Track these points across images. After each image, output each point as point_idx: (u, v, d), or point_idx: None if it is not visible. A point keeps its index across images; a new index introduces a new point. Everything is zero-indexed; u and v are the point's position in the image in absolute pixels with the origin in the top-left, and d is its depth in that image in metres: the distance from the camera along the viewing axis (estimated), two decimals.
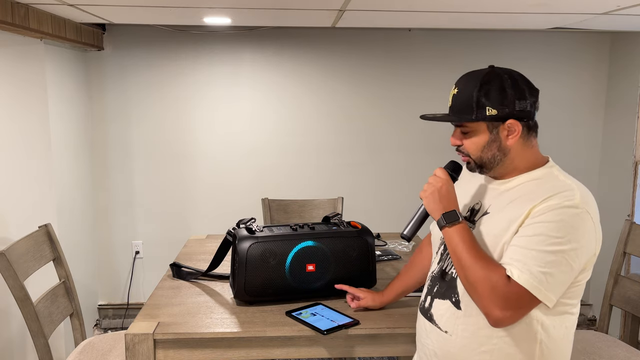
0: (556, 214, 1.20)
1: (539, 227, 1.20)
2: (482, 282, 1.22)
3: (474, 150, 1.33)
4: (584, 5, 2.26)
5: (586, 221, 1.21)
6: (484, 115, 1.28)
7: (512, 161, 1.32)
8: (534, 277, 1.18)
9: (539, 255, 1.18)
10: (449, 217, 1.31)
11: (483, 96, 1.28)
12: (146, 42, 3.34)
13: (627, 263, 3.11)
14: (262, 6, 2.38)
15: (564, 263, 1.19)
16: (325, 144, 3.50)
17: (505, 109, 1.27)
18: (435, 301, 1.40)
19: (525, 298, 1.19)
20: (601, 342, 2.11)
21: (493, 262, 1.25)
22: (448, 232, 1.30)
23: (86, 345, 2.08)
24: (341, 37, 3.40)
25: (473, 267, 1.24)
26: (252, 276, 1.74)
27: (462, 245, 1.27)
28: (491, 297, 1.21)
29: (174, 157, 3.45)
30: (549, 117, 3.51)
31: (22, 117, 2.76)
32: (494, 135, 1.30)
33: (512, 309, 1.20)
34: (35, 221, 2.50)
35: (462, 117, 1.31)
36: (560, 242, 1.18)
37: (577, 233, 1.19)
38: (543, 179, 1.29)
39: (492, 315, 1.22)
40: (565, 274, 1.20)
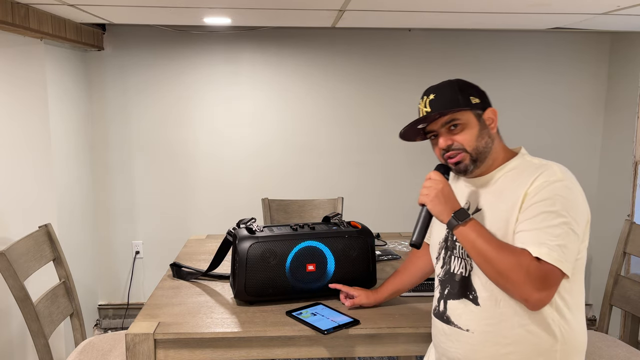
0: (548, 190, 1.26)
1: (537, 207, 1.25)
2: (515, 268, 1.23)
3: (469, 142, 1.35)
4: (584, 5, 2.26)
5: (573, 190, 1.28)
6: (469, 103, 1.35)
7: (496, 150, 1.39)
8: (557, 253, 1.23)
9: (549, 231, 1.23)
10: (461, 216, 1.31)
11: (464, 89, 1.37)
12: (146, 42, 3.34)
13: (627, 263, 3.11)
14: (262, 6, 2.38)
15: (570, 232, 1.24)
16: (325, 144, 3.50)
17: (484, 99, 1.39)
18: (449, 303, 1.41)
19: (556, 274, 1.24)
20: (601, 342, 2.11)
21: (517, 248, 1.26)
22: (462, 230, 1.30)
23: (86, 345, 2.08)
24: (341, 37, 3.40)
25: (499, 257, 1.25)
26: (252, 276, 1.74)
27: (481, 240, 1.27)
28: (528, 281, 1.23)
29: (174, 157, 3.46)
30: (549, 117, 3.52)
31: (22, 117, 2.76)
32: (482, 124, 1.37)
33: (548, 288, 1.24)
34: (35, 221, 2.50)
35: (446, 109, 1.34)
36: (561, 214, 1.24)
37: (570, 203, 1.26)
38: (521, 167, 1.36)
39: (532, 299, 1.24)
40: (574, 243, 1.26)
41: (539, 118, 3.52)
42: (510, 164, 1.37)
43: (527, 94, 3.49)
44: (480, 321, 1.34)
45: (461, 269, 1.39)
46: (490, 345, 1.33)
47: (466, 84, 1.39)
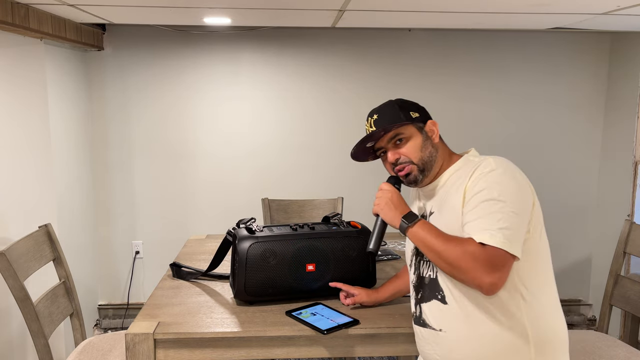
0: (483, 181, 1.32)
1: (477, 197, 1.32)
2: (462, 257, 1.29)
3: (414, 153, 1.46)
4: (584, 5, 2.26)
5: (508, 176, 1.33)
6: (410, 117, 1.46)
7: (442, 158, 1.48)
8: (500, 236, 1.27)
9: (491, 217, 1.29)
10: (409, 218, 1.41)
11: (404, 106, 1.49)
12: (146, 42, 3.34)
13: (627, 263, 3.11)
14: (262, 6, 2.38)
15: (512, 215, 1.29)
16: (325, 143, 3.50)
17: (423, 112, 1.50)
18: (423, 306, 1.46)
19: (503, 256, 1.27)
20: (601, 342, 2.11)
21: (463, 238, 1.33)
22: (412, 231, 1.39)
23: (86, 345, 2.08)
24: (341, 37, 3.40)
25: (448, 248, 1.32)
26: (252, 276, 1.74)
27: (430, 236, 1.35)
28: (477, 267, 1.28)
29: (174, 157, 3.46)
30: (549, 117, 3.52)
31: (22, 117, 2.76)
32: (424, 135, 1.47)
33: (497, 270, 1.27)
34: (35, 221, 2.50)
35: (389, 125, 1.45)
36: (499, 199, 1.29)
37: (507, 187, 1.31)
38: (463, 167, 1.43)
39: (484, 284, 1.28)
40: (517, 224, 1.30)
41: (539, 118, 3.51)
42: (455, 166, 1.45)
43: (527, 94, 3.49)
44: (450, 319, 1.38)
45: (429, 272, 1.44)
46: (464, 342, 1.36)
47: (405, 102, 1.51)
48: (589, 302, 3.67)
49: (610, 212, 3.44)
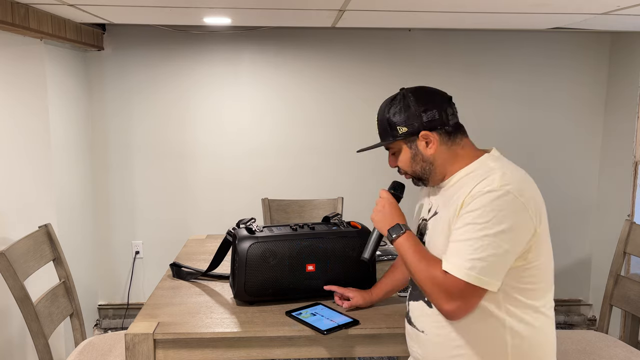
0: (477, 201, 1.25)
1: (465, 218, 1.26)
2: (427, 280, 1.30)
3: (405, 167, 1.45)
4: (584, 5, 2.26)
5: (509, 200, 1.24)
6: (397, 134, 1.41)
7: (444, 167, 1.40)
8: (466, 266, 1.23)
9: (468, 244, 1.24)
10: (394, 231, 1.40)
11: (392, 118, 1.41)
12: (146, 42, 3.34)
13: (627, 263, 3.11)
14: (262, 6, 2.38)
15: (494, 246, 1.22)
16: (325, 144, 3.50)
17: (414, 124, 1.38)
18: (411, 304, 1.46)
19: (464, 288, 1.24)
20: (601, 342, 2.11)
21: (434, 260, 1.32)
22: (396, 244, 1.39)
23: (86, 345, 2.08)
24: (341, 37, 3.40)
25: (418, 268, 1.32)
26: (252, 276, 1.74)
27: (409, 252, 1.36)
28: (436, 293, 1.28)
29: (174, 157, 3.45)
30: (549, 117, 3.52)
31: (22, 117, 2.76)
32: (414, 150, 1.41)
33: (456, 300, 1.25)
34: (35, 221, 2.50)
35: (382, 141, 1.46)
36: (486, 226, 1.23)
37: (501, 214, 1.23)
38: (477, 170, 1.35)
39: (442, 310, 1.29)
40: (499, 257, 1.23)
41: (539, 118, 3.51)
42: (469, 168, 1.38)
43: (527, 94, 3.49)
44: (432, 323, 1.37)
45: None
46: (441, 347, 1.36)
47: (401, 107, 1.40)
48: (589, 302, 3.67)
49: (610, 212, 3.44)
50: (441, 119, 1.38)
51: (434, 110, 1.38)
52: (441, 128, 1.38)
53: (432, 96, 1.41)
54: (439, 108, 1.38)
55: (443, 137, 1.38)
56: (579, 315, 3.67)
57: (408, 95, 1.40)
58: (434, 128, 1.38)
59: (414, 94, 1.40)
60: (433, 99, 1.40)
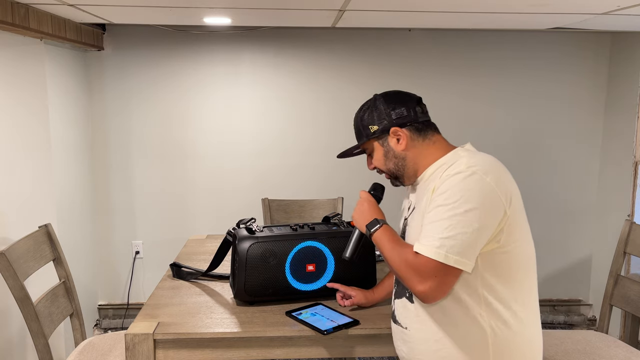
0: (446, 184, 1.28)
1: (435, 201, 1.30)
2: (400, 264, 1.32)
3: (381, 165, 1.50)
4: (584, 5, 2.26)
5: (476, 180, 1.26)
6: (369, 133, 1.47)
7: (416, 162, 1.44)
8: (435, 245, 1.25)
9: (438, 224, 1.26)
10: (370, 226, 1.45)
11: (364, 119, 1.49)
12: (146, 42, 3.34)
13: (627, 263, 3.11)
14: (262, 6, 2.38)
15: (463, 224, 1.24)
16: (325, 143, 3.49)
17: (383, 122, 1.45)
18: (396, 302, 1.48)
19: (435, 267, 1.26)
20: (601, 342, 2.11)
21: (406, 245, 1.36)
22: (374, 238, 1.43)
23: (86, 345, 2.08)
24: (341, 37, 3.40)
25: (392, 255, 1.35)
26: (252, 276, 1.74)
27: (385, 243, 1.39)
28: (408, 274, 1.30)
29: (174, 157, 3.46)
30: (549, 117, 3.52)
31: (22, 117, 2.76)
32: (386, 147, 1.46)
33: (428, 280, 1.26)
34: (35, 221, 2.50)
35: (358, 142, 1.53)
36: (454, 206, 1.25)
37: (469, 194, 1.25)
38: (449, 161, 1.38)
39: (416, 291, 1.29)
40: (468, 235, 1.24)
41: (539, 118, 3.51)
42: (440, 161, 1.41)
43: (527, 94, 3.49)
44: (413, 318, 1.39)
45: None
46: (422, 342, 1.37)
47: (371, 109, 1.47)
48: (589, 302, 3.67)
49: (610, 212, 3.44)
50: (410, 115, 1.43)
51: (402, 107, 1.44)
52: (411, 124, 1.43)
53: (400, 96, 1.47)
54: (407, 106, 1.44)
55: (413, 133, 1.43)
56: (579, 315, 3.67)
57: (378, 98, 1.48)
58: (404, 124, 1.43)
59: (384, 96, 1.48)
60: (401, 98, 1.46)
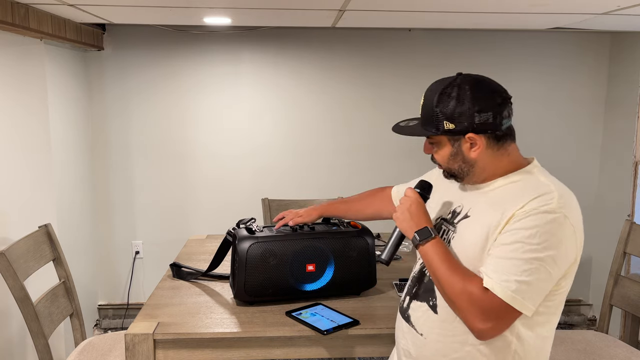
0: (532, 219, 1.17)
1: (516, 234, 1.17)
2: (460, 295, 1.21)
3: (441, 161, 1.34)
4: (584, 5, 2.26)
5: (564, 226, 1.17)
6: (442, 129, 1.27)
7: (484, 171, 1.30)
8: (510, 288, 1.16)
9: (515, 263, 1.16)
10: (422, 235, 1.30)
11: (441, 109, 1.26)
12: (146, 42, 3.34)
13: (627, 263, 3.11)
14: (262, 6, 2.38)
15: (542, 271, 1.16)
16: (325, 144, 3.50)
17: (463, 123, 1.24)
18: (413, 302, 1.40)
19: (504, 309, 1.17)
20: (601, 342, 2.11)
21: (469, 274, 1.23)
22: (423, 249, 1.30)
23: (86, 345, 2.08)
24: (341, 37, 3.40)
25: (449, 280, 1.23)
26: (252, 276, 1.74)
27: (438, 260, 1.26)
28: (470, 310, 1.20)
29: (174, 157, 3.45)
30: (549, 117, 3.52)
31: (22, 117, 2.76)
32: (456, 148, 1.29)
33: (492, 320, 1.19)
34: (35, 221, 2.50)
35: (423, 130, 1.32)
36: (537, 249, 1.15)
37: (554, 239, 1.16)
38: (522, 182, 1.26)
39: (475, 328, 1.21)
40: (543, 282, 1.18)
41: (539, 118, 3.51)
42: (513, 177, 1.28)
43: (527, 94, 3.49)
44: (434, 329, 1.32)
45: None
46: (439, 355, 1.31)
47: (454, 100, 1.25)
48: (589, 302, 3.67)
49: (610, 212, 3.44)
50: (494, 122, 1.24)
51: (490, 112, 1.23)
52: (492, 132, 1.25)
53: (492, 95, 1.25)
54: (495, 110, 1.24)
55: (491, 141, 1.26)
56: (579, 315, 3.67)
57: (464, 87, 1.25)
58: (484, 132, 1.25)
59: (472, 87, 1.25)
60: (492, 98, 1.25)
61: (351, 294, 1.87)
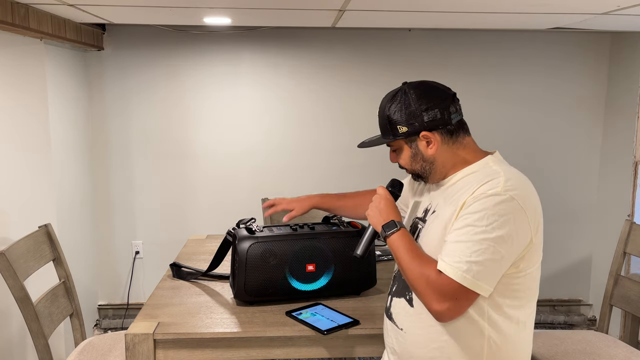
0: (480, 203, 1.23)
1: (466, 219, 1.24)
2: (418, 278, 1.28)
3: (406, 165, 1.43)
4: (584, 5, 2.26)
5: (512, 206, 1.23)
6: (397, 133, 1.37)
7: (444, 166, 1.38)
8: (462, 269, 1.22)
9: (466, 246, 1.22)
10: (388, 227, 1.38)
11: (392, 116, 1.37)
12: (146, 42, 3.34)
13: (627, 263, 3.11)
14: (262, 6, 2.38)
15: (491, 250, 1.21)
16: (325, 144, 3.50)
17: (414, 124, 1.34)
18: (393, 300, 1.46)
19: (457, 289, 1.23)
20: (601, 342, 2.11)
21: (427, 259, 1.30)
22: (389, 240, 1.37)
23: (86, 345, 2.08)
24: (341, 37, 3.40)
25: (410, 266, 1.30)
26: (252, 276, 1.74)
27: (401, 249, 1.33)
28: (427, 292, 1.26)
29: (174, 157, 3.45)
30: (549, 117, 3.52)
31: (22, 117, 2.76)
32: (414, 149, 1.38)
33: (448, 300, 1.24)
34: (35, 221, 2.50)
35: (383, 138, 1.42)
36: (485, 230, 1.21)
37: (502, 219, 1.21)
38: (479, 172, 1.33)
39: (432, 309, 1.27)
40: (495, 262, 1.22)
41: (539, 118, 3.51)
42: (470, 169, 1.35)
43: (527, 94, 3.49)
44: (412, 322, 1.37)
45: None
46: (419, 347, 1.36)
47: (402, 105, 1.35)
48: (589, 302, 3.67)
49: (610, 212, 3.44)
50: (443, 118, 1.33)
51: (436, 109, 1.33)
52: (443, 127, 1.34)
53: (435, 93, 1.35)
54: (441, 106, 1.33)
55: (444, 136, 1.35)
56: (579, 315, 3.67)
57: (409, 91, 1.36)
58: (435, 128, 1.34)
59: (416, 90, 1.35)
60: (435, 96, 1.34)
61: (351, 294, 1.87)
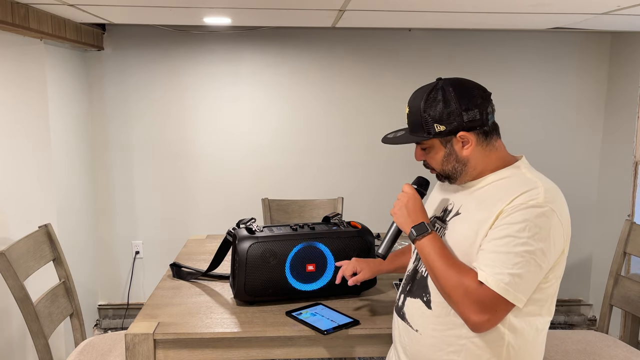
0: (521, 214, 1.21)
1: (506, 229, 1.22)
2: (456, 288, 1.24)
3: (435, 165, 1.38)
4: (584, 5, 2.26)
5: (551, 219, 1.22)
6: (433, 132, 1.31)
7: (475, 168, 1.35)
8: (504, 280, 1.20)
9: (506, 257, 1.20)
10: (418, 230, 1.34)
11: (429, 114, 1.31)
12: (146, 42, 3.34)
13: (627, 263, 3.11)
14: (262, 6, 2.38)
15: (532, 263, 1.20)
16: (325, 144, 3.49)
17: (453, 123, 1.30)
18: (407, 300, 1.43)
19: (498, 301, 1.21)
20: (601, 342, 2.11)
21: (465, 268, 1.27)
22: (419, 244, 1.33)
23: (86, 345, 2.08)
24: (341, 37, 3.40)
25: (446, 274, 1.26)
26: (252, 276, 1.74)
27: (434, 255, 1.29)
28: (465, 303, 1.23)
29: (174, 157, 3.45)
30: (549, 117, 3.52)
31: (22, 117, 2.76)
32: (448, 149, 1.34)
33: (487, 312, 1.22)
34: (35, 221, 2.50)
35: (415, 137, 1.35)
36: (527, 242, 1.20)
37: (543, 232, 1.20)
38: (510, 178, 1.31)
39: (470, 321, 1.25)
40: (534, 274, 1.22)
41: (539, 118, 3.51)
42: (501, 173, 1.33)
43: (527, 94, 3.49)
44: (429, 325, 1.35)
45: (422, 268, 1.41)
46: (435, 350, 1.34)
47: (441, 103, 1.30)
48: (589, 302, 3.67)
49: (610, 212, 3.44)
50: (482, 118, 1.30)
51: (476, 109, 1.29)
52: (480, 128, 1.31)
53: (473, 92, 1.31)
54: (481, 107, 1.30)
55: (480, 137, 1.32)
56: (579, 315, 3.67)
57: (448, 89, 1.30)
58: (473, 128, 1.30)
59: (455, 88, 1.30)
60: (474, 95, 1.30)
61: (351, 294, 1.87)
